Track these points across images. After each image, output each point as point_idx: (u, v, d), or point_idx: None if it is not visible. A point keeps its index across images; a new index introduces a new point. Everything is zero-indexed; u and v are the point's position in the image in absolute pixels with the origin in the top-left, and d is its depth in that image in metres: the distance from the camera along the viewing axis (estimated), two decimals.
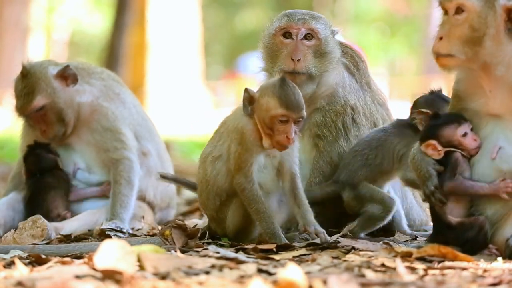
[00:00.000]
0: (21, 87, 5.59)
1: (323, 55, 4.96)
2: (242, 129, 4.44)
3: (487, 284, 3.57)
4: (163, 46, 23.30)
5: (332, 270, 3.79)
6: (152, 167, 5.90)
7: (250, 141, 4.42)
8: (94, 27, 40.11)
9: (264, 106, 4.39)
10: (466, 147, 4.37)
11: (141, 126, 5.89)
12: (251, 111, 4.42)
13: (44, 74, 5.59)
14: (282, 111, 4.35)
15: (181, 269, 3.69)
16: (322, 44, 4.96)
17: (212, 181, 4.58)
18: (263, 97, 4.41)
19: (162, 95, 23.29)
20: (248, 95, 4.44)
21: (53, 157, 5.65)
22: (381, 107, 5.18)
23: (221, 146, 4.54)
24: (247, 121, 4.45)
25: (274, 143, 4.39)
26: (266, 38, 5.06)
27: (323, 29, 4.98)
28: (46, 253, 4.41)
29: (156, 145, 5.98)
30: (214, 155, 4.57)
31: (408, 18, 44.83)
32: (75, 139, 5.72)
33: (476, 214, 4.34)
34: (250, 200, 4.44)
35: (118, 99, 5.81)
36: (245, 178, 4.42)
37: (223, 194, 4.57)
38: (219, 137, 4.58)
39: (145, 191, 5.87)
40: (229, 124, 4.56)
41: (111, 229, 5.32)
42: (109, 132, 5.70)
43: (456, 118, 4.42)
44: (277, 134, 4.36)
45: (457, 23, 4.23)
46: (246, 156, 4.42)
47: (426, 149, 4.40)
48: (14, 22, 26.35)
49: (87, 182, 5.73)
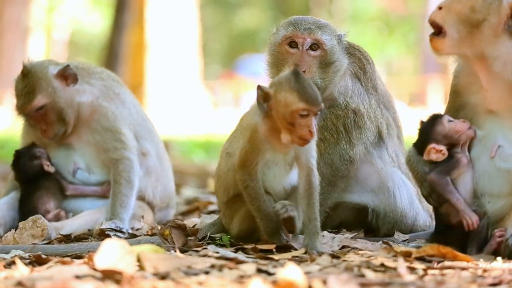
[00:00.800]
0: (21, 86, 5.59)
1: (328, 65, 4.93)
2: (254, 126, 4.36)
3: (487, 284, 3.58)
4: (162, 45, 23.30)
5: (332, 270, 3.79)
6: (151, 168, 5.90)
7: (260, 139, 4.34)
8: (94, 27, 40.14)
9: (282, 102, 4.27)
10: (460, 131, 4.37)
11: (141, 126, 5.89)
12: (267, 108, 4.33)
13: (45, 74, 5.60)
14: (302, 105, 4.23)
15: (181, 269, 3.70)
16: (327, 55, 4.92)
17: (224, 176, 4.55)
18: (279, 92, 4.29)
19: (161, 94, 23.28)
20: (262, 92, 4.32)
21: (37, 163, 5.64)
22: (387, 110, 5.16)
23: (235, 143, 4.49)
24: (261, 118, 4.35)
25: (295, 138, 4.29)
26: (271, 46, 5.02)
27: (328, 39, 4.94)
28: (46, 253, 4.41)
29: (156, 145, 5.98)
30: (229, 151, 4.53)
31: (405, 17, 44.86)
32: (75, 139, 5.72)
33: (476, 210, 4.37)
34: (252, 197, 4.40)
35: (118, 99, 5.81)
36: (248, 175, 4.37)
37: (230, 191, 4.54)
38: (235, 134, 4.55)
39: (145, 191, 5.87)
40: (243, 122, 4.51)
41: (111, 229, 5.32)
42: (109, 132, 5.70)
43: (436, 114, 4.50)
44: (298, 128, 4.26)
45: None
46: (252, 155, 4.36)
47: (429, 156, 4.41)
48: (14, 22, 26.35)
49: (87, 182, 5.73)
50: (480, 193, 4.39)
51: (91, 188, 5.71)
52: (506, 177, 4.33)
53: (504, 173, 4.32)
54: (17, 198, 5.70)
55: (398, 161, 5.13)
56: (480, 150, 4.39)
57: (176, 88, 23.64)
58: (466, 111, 4.47)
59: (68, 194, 5.66)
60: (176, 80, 23.67)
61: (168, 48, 23.40)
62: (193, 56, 24.28)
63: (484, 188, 4.38)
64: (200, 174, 11.02)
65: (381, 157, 5.05)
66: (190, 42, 24.13)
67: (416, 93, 37.21)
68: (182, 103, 23.75)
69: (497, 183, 4.34)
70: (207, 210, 6.82)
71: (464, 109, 4.48)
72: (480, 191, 4.38)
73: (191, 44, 24.17)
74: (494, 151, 4.35)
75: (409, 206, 5.02)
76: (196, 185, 9.45)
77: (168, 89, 23.43)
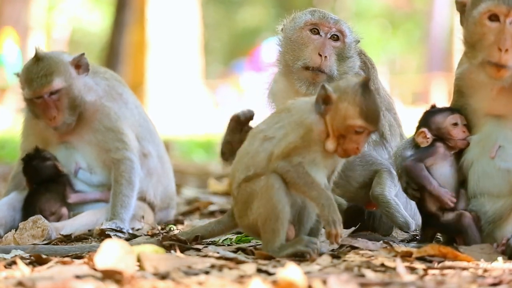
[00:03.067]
0: (36, 69, 5.54)
1: (344, 59, 4.94)
2: (310, 125, 4.14)
3: (487, 284, 3.58)
4: (163, 44, 23.31)
5: (332, 270, 3.79)
6: (152, 169, 5.90)
7: (314, 139, 4.14)
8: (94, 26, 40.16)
9: (342, 112, 4.07)
10: (453, 137, 4.43)
11: (142, 127, 5.90)
12: (324, 111, 4.13)
13: (61, 59, 5.60)
14: (361, 122, 4.04)
15: (181, 269, 3.70)
16: (346, 48, 4.95)
17: (252, 154, 4.24)
18: (342, 102, 4.07)
19: (161, 94, 23.29)
20: (324, 93, 4.11)
21: (51, 164, 5.64)
22: (388, 112, 5.18)
23: (277, 130, 4.22)
24: (317, 119, 4.15)
25: (340, 149, 4.11)
26: (290, 30, 5.01)
27: (349, 34, 4.99)
28: (47, 253, 4.41)
29: (157, 146, 5.99)
30: (267, 134, 4.23)
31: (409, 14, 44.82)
32: (76, 138, 5.71)
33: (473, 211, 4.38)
34: (297, 176, 4.09)
35: (121, 99, 5.82)
36: (289, 163, 4.10)
37: (251, 169, 4.22)
38: (278, 120, 4.25)
39: (146, 192, 5.87)
40: (294, 113, 4.22)
41: (111, 229, 5.32)
42: (111, 132, 5.70)
43: (450, 108, 4.53)
44: (348, 142, 4.09)
45: None
46: (300, 150, 4.13)
47: (417, 137, 4.53)
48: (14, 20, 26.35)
49: (89, 182, 5.73)
50: (480, 193, 4.40)
51: (92, 194, 5.70)
52: (506, 177, 4.34)
53: (504, 173, 4.33)
54: (17, 198, 5.69)
55: None
56: (479, 152, 4.40)
57: (177, 88, 23.65)
58: (468, 111, 4.49)
59: (71, 202, 5.65)
60: (177, 79, 23.68)
61: (169, 47, 23.41)
62: (194, 55, 24.29)
63: (484, 189, 4.39)
64: (200, 174, 11.02)
65: (381, 157, 5.05)
66: (191, 41, 24.15)
67: (419, 92, 37.21)
68: (182, 102, 23.76)
69: (497, 183, 4.35)
70: (207, 210, 6.83)
71: (465, 109, 4.50)
72: (480, 191, 4.40)
73: (192, 42, 24.18)
74: (495, 152, 4.36)
75: (405, 206, 5.04)
76: (197, 185, 9.46)
77: (168, 88, 23.44)
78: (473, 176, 4.42)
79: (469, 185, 4.44)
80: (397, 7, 44.08)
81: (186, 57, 23.89)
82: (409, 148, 4.54)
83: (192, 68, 24.19)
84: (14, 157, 7.34)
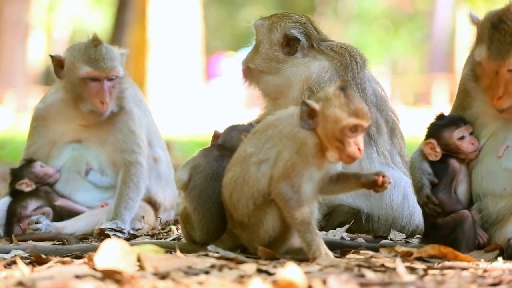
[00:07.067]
0: (100, 52, 5.58)
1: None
2: (303, 140, 4.09)
3: (487, 284, 3.58)
4: (164, 44, 23.31)
5: (332, 270, 3.79)
6: (162, 173, 5.99)
7: (311, 154, 4.10)
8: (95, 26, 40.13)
9: (331, 118, 4.05)
10: (463, 151, 4.40)
11: (155, 134, 6.01)
12: (313, 125, 4.08)
13: (119, 51, 5.70)
14: (353, 120, 4.03)
15: (181, 269, 3.70)
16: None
17: (252, 183, 4.18)
18: (328, 109, 4.05)
19: (162, 94, 23.30)
20: (308, 108, 4.07)
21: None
22: (377, 110, 5.17)
23: (268, 150, 4.16)
24: (308, 133, 4.10)
25: (344, 156, 4.08)
26: None
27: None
28: (47, 253, 4.42)
29: (165, 151, 6.11)
30: (260, 157, 4.17)
31: (412, 15, 44.78)
32: (92, 135, 5.71)
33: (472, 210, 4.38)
34: (295, 210, 4.08)
35: (142, 106, 5.93)
36: (291, 187, 4.09)
37: (259, 198, 4.18)
38: (267, 140, 4.18)
39: (156, 194, 5.94)
40: (281, 129, 4.17)
41: (111, 229, 5.33)
42: (132, 135, 5.73)
43: (455, 121, 4.46)
44: (347, 146, 4.04)
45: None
46: (300, 167, 4.09)
47: (425, 147, 4.45)
48: (15, 20, 26.38)
49: (99, 184, 5.74)
50: (483, 193, 4.39)
51: (79, 207, 5.69)
52: (510, 177, 4.33)
53: (510, 173, 4.33)
54: None
55: (392, 159, 5.14)
56: (484, 152, 4.40)
57: (178, 88, 23.65)
58: (472, 110, 4.48)
59: (56, 204, 5.63)
60: (178, 80, 23.68)
61: (170, 47, 23.41)
62: (196, 55, 24.29)
63: (487, 189, 4.38)
64: None
65: (369, 157, 5.06)
66: (192, 41, 24.14)
67: (421, 92, 37.18)
68: (184, 102, 23.76)
69: (501, 183, 4.35)
70: None
71: (471, 109, 4.49)
72: (483, 191, 4.39)
73: (193, 43, 24.17)
74: (502, 151, 4.36)
75: (403, 206, 5.04)
76: None
77: (169, 88, 23.45)
78: (476, 177, 4.41)
79: (472, 186, 4.43)
80: (399, 8, 44.05)
81: (187, 57, 23.89)
82: (424, 159, 4.45)
83: (193, 68, 24.20)
84: (14, 157, 7.36)
